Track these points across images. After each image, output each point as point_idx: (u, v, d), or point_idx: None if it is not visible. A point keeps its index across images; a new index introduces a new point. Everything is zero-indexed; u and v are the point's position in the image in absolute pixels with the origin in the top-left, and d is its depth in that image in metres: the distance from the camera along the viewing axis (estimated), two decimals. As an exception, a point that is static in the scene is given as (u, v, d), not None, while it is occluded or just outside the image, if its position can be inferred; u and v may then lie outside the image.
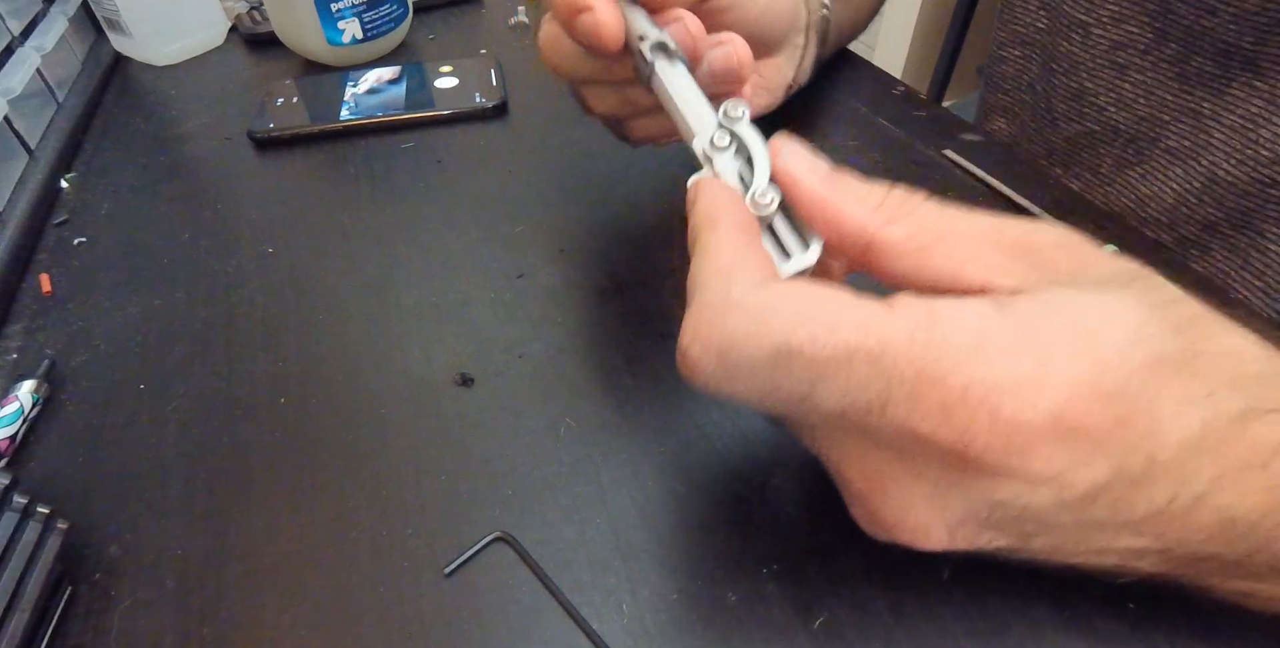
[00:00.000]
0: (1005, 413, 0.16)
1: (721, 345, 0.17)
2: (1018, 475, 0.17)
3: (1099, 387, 0.16)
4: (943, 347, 0.17)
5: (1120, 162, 0.46)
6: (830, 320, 0.17)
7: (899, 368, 0.16)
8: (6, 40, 0.46)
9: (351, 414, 0.30)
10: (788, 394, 0.17)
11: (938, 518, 0.18)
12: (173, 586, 0.25)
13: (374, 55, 0.56)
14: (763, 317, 0.17)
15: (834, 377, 0.17)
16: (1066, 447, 0.17)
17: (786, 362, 0.17)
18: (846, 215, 0.20)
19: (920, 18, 1.61)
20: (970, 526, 0.18)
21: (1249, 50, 0.37)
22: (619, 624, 0.23)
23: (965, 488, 0.18)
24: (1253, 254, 0.41)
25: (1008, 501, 0.17)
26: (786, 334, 0.17)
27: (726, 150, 0.23)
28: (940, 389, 0.16)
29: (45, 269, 0.39)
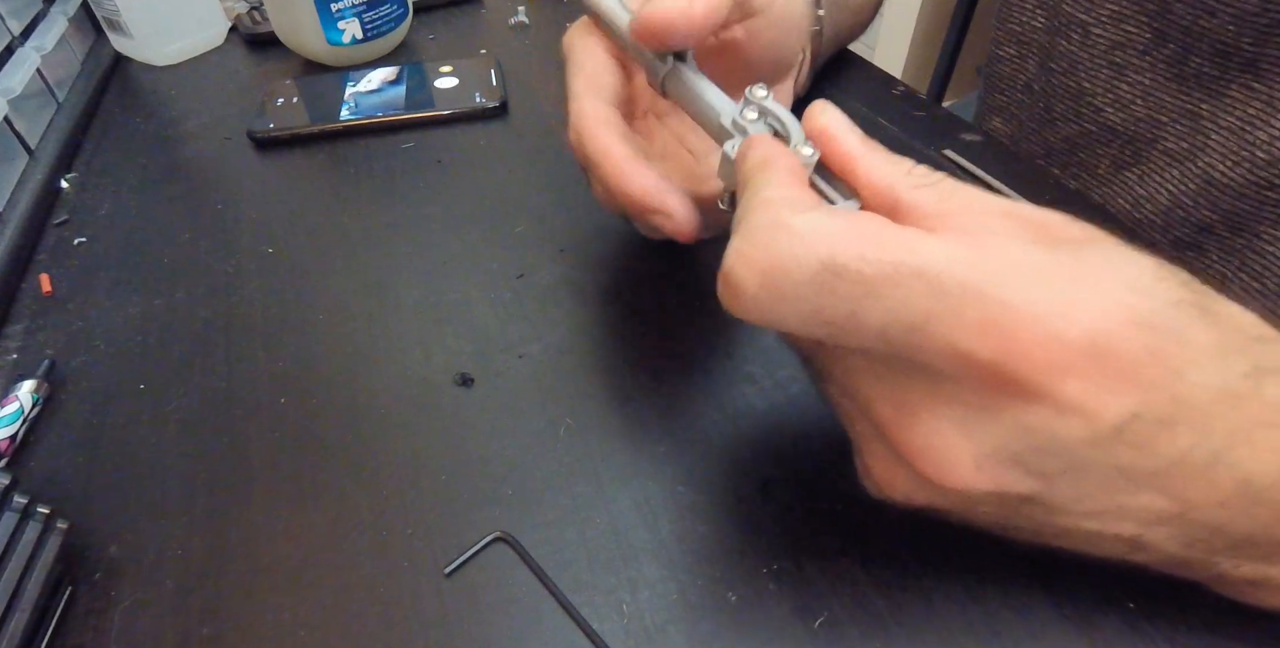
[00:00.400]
0: (1044, 330, 0.16)
1: (766, 265, 0.17)
2: (1050, 398, 0.17)
3: (1135, 313, 0.17)
4: (985, 266, 0.17)
5: (1117, 162, 0.46)
6: (877, 239, 0.17)
7: (944, 284, 0.17)
8: (6, 40, 0.46)
9: (351, 414, 0.30)
10: (831, 314, 0.17)
11: (967, 446, 0.18)
12: (173, 586, 0.25)
13: (374, 55, 0.56)
14: (809, 235, 0.17)
15: (879, 293, 0.17)
16: (1099, 372, 0.16)
17: (832, 279, 0.17)
18: (879, 173, 0.20)
19: (920, 18, 1.61)
20: (998, 459, 0.18)
21: (1248, 52, 0.37)
22: (619, 624, 0.23)
23: (997, 413, 0.17)
24: (1249, 255, 0.41)
25: (1038, 427, 0.17)
26: (832, 251, 0.17)
27: (757, 122, 0.23)
28: (982, 305, 0.16)
29: (45, 269, 0.39)
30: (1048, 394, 0.17)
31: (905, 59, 1.67)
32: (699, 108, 0.26)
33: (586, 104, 0.27)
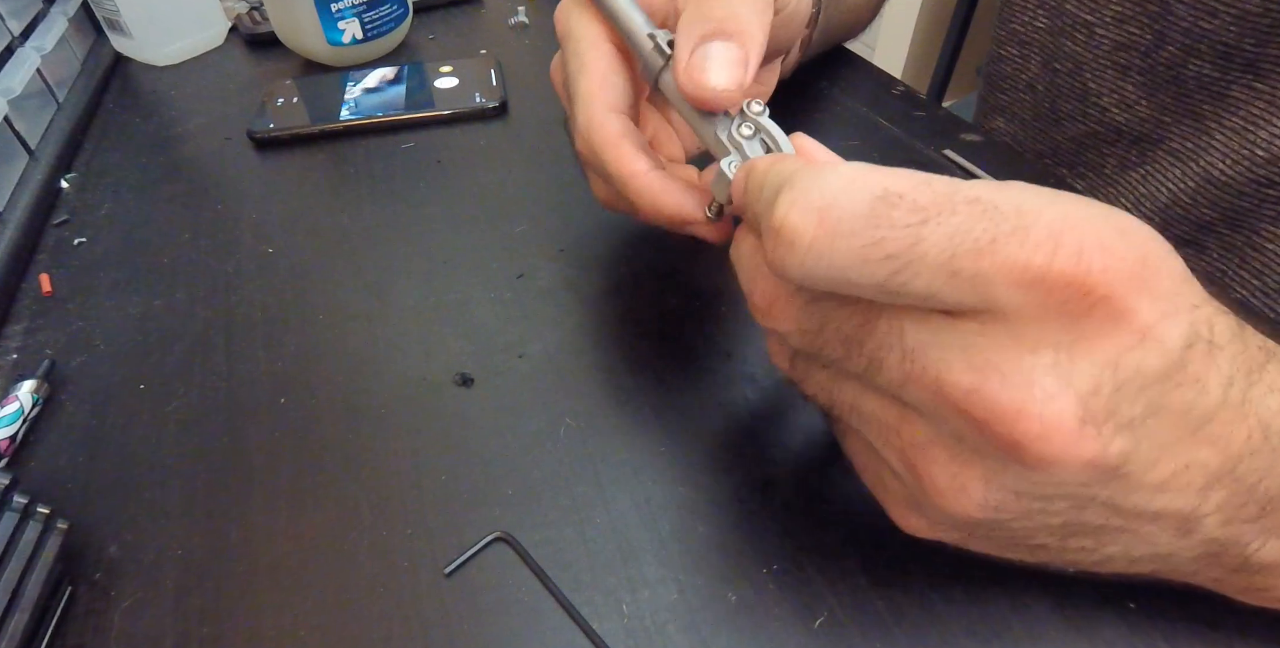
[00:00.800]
0: (1110, 238, 0.16)
1: (821, 203, 0.17)
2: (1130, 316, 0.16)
3: (1163, 241, 0.17)
4: (1027, 193, 0.17)
5: (1123, 162, 0.46)
6: (923, 177, 0.17)
7: (998, 206, 0.16)
8: (6, 40, 0.46)
9: (351, 414, 0.30)
10: (894, 245, 0.16)
11: (1065, 387, 0.16)
12: (173, 586, 0.25)
13: (374, 55, 0.56)
14: (859, 174, 0.17)
15: (937, 218, 0.16)
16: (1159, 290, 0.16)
17: (888, 209, 0.16)
18: None
19: (920, 18, 1.61)
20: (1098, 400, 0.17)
21: (1250, 52, 0.37)
22: (619, 624, 0.23)
23: (1089, 340, 0.16)
24: (1250, 253, 0.41)
25: (1124, 357, 0.16)
26: (886, 183, 0.17)
27: (753, 139, 0.24)
28: (1044, 219, 0.16)
29: (45, 269, 0.39)
30: (1129, 310, 0.16)
31: (905, 59, 1.67)
32: (693, 115, 0.25)
33: (598, 114, 0.27)
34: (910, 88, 0.47)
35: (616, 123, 0.27)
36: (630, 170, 0.26)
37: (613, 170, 0.26)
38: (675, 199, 0.26)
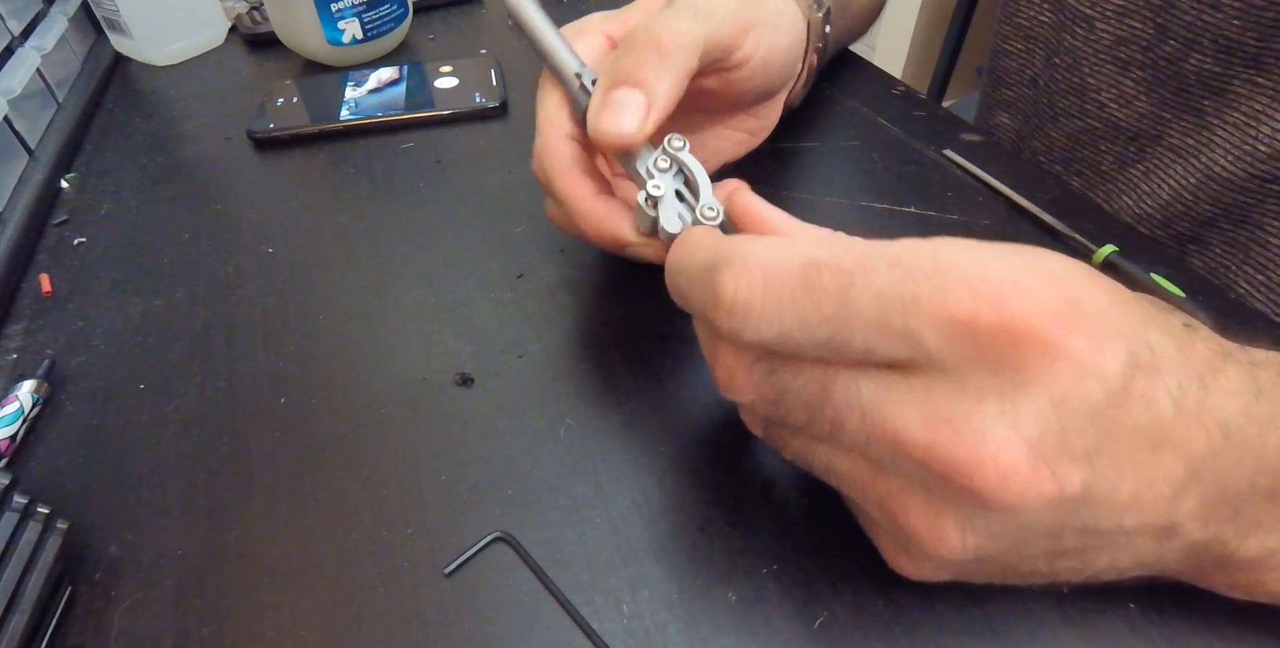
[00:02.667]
0: (1029, 285, 0.17)
1: (762, 274, 0.19)
2: (1064, 353, 0.17)
3: (1090, 276, 0.18)
4: (943, 248, 0.18)
5: (1122, 159, 0.46)
6: (842, 243, 0.19)
7: (916, 264, 0.18)
8: (6, 40, 0.46)
9: (351, 414, 0.30)
10: (829, 309, 0.18)
11: (1014, 434, 0.17)
12: (173, 586, 0.25)
13: (374, 55, 0.56)
14: (784, 245, 0.19)
15: (862, 281, 0.18)
16: (1088, 326, 0.17)
17: (817, 275, 0.18)
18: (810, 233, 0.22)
19: (920, 18, 1.61)
20: (1048, 440, 0.17)
21: (1253, 47, 0.37)
22: (619, 624, 0.23)
23: (1028, 389, 0.17)
24: (1253, 248, 0.41)
25: (1069, 394, 0.17)
26: (809, 252, 0.18)
27: (667, 172, 0.26)
28: (961, 274, 0.17)
29: (45, 269, 0.39)
30: (1061, 348, 0.17)
31: (905, 59, 1.67)
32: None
33: (552, 141, 0.29)
34: (910, 88, 0.47)
35: (568, 150, 0.28)
36: (577, 194, 0.28)
37: (561, 195, 0.28)
38: (615, 224, 0.27)
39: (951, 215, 0.37)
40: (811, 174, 0.41)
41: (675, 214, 0.25)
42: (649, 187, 0.25)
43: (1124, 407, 0.17)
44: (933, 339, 0.17)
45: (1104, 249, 0.33)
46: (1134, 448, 0.18)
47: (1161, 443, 0.18)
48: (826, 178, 0.40)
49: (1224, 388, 0.18)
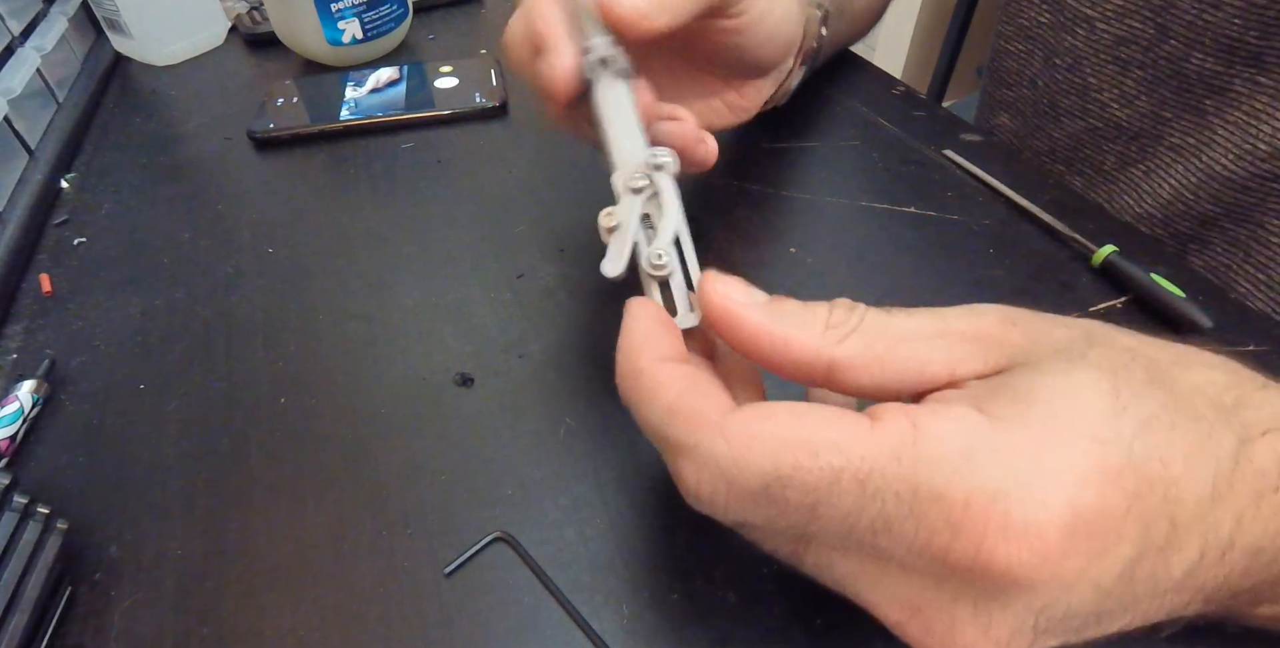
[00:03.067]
0: (1017, 519, 0.15)
1: (724, 480, 0.18)
2: (1052, 582, 0.16)
3: (1106, 467, 0.16)
4: (932, 461, 0.16)
5: (1123, 158, 0.46)
6: (810, 444, 0.17)
7: (891, 487, 0.16)
8: (6, 40, 0.46)
9: (351, 414, 0.30)
10: (796, 518, 0.17)
11: (985, 637, 0.17)
12: (173, 586, 0.25)
13: (374, 55, 0.56)
14: (748, 446, 0.17)
15: (828, 500, 0.17)
16: (1091, 539, 0.16)
17: (780, 489, 0.17)
18: (797, 343, 0.19)
19: (920, 18, 1.61)
20: (1021, 637, 0.17)
21: (1254, 45, 0.37)
22: (619, 624, 0.23)
23: (1006, 601, 0.17)
24: (1254, 247, 0.41)
25: (1051, 604, 0.17)
26: (774, 461, 0.17)
27: (641, 194, 0.23)
28: (942, 505, 0.16)
29: (45, 269, 0.39)
30: (1049, 580, 0.16)
31: (905, 59, 1.67)
32: (604, 144, 0.25)
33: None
34: (910, 88, 0.47)
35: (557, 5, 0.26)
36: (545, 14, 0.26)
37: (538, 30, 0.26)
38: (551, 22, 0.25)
39: (951, 215, 0.37)
40: (811, 174, 0.41)
41: (622, 253, 0.22)
42: (602, 214, 0.23)
43: (1122, 592, 0.17)
44: (905, 557, 0.17)
45: (1104, 249, 0.33)
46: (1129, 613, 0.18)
47: (1167, 594, 0.18)
48: (826, 178, 0.40)
49: (1275, 507, 0.17)
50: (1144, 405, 0.17)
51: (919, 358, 0.19)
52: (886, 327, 0.19)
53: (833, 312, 0.20)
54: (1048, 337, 0.19)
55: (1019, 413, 0.17)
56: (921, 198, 0.38)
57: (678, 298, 0.22)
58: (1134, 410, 0.17)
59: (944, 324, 0.19)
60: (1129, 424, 0.17)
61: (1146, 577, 0.17)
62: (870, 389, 0.19)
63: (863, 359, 0.19)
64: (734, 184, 0.39)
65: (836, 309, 0.20)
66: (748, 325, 0.20)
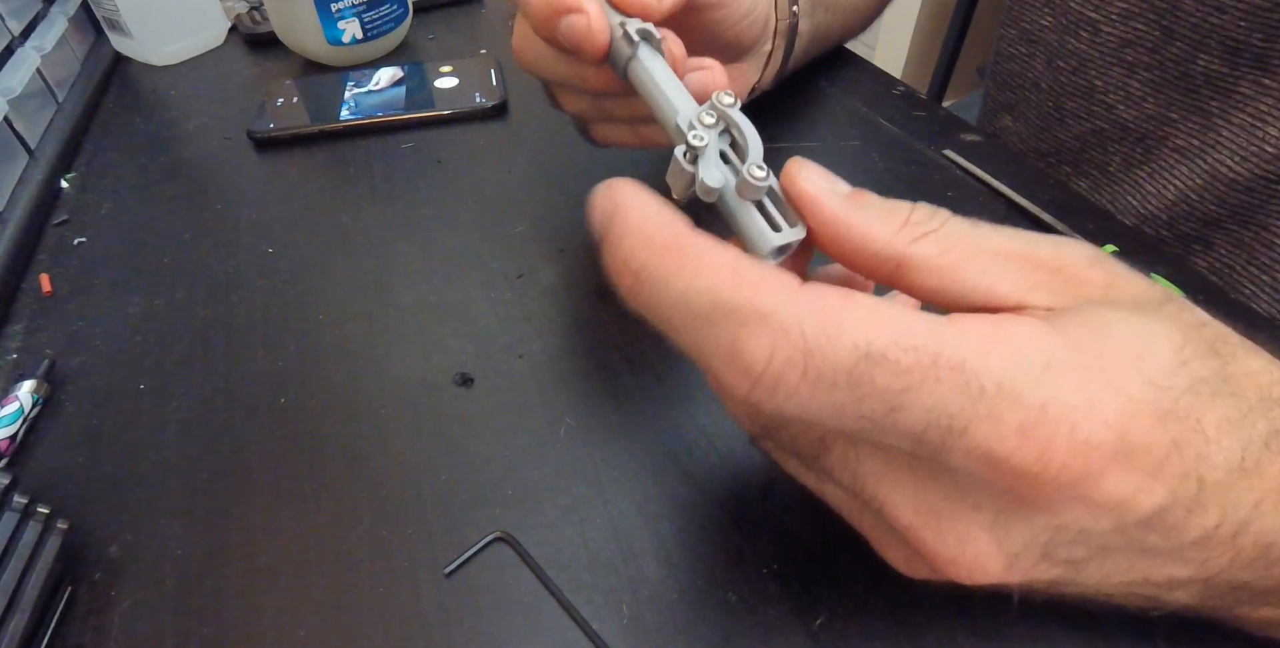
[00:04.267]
0: (1083, 432, 0.16)
1: (806, 350, 0.15)
2: (1087, 499, 0.16)
3: (1158, 407, 0.16)
4: (1017, 362, 0.16)
5: (1129, 160, 0.46)
6: (906, 324, 0.16)
7: (980, 381, 0.16)
8: (6, 40, 0.46)
9: (351, 414, 0.30)
10: (870, 408, 0.16)
11: (996, 548, 0.17)
12: (173, 586, 0.25)
13: (374, 55, 0.56)
14: (839, 315, 0.16)
15: (919, 389, 0.15)
16: (1130, 469, 0.16)
17: (869, 368, 0.15)
18: (874, 233, 0.19)
19: (920, 18, 1.61)
20: (1029, 554, 0.18)
21: (1259, 48, 0.37)
22: (619, 624, 0.23)
23: (1028, 514, 0.17)
24: (1258, 248, 0.41)
25: (1068, 525, 0.17)
26: (868, 335, 0.15)
27: (714, 128, 0.22)
28: (1019, 407, 0.16)
29: (45, 269, 0.39)
30: (1084, 496, 0.16)
31: (905, 59, 1.67)
32: (657, 101, 0.24)
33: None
34: (910, 88, 0.47)
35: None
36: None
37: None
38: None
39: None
40: (811, 174, 0.41)
41: (717, 166, 0.22)
42: (690, 137, 0.21)
43: (1136, 535, 0.17)
44: (960, 461, 0.16)
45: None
46: (1132, 561, 0.18)
47: (1173, 559, 0.18)
48: (826, 178, 0.40)
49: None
50: (1200, 367, 0.17)
51: (991, 274, 0.18)
52: (967, 235, 0.19)
53: (914, 211, 0.19)
54: (1127, 286, 0.19)
55: (1092, 339, 0.17)
56: (921, 198, 0.38)
57: (777, 212, 0.21)
58: (1191, 369, 0.17)
59: (1028, 247, 0.18)
60: (1183, 379, 0.17)
61: (1163, 530, 0.17)
62: (934, 294, 0.19)
63: (934, 262, 0.18)
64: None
65: (919, 210, 0.19)
66: (826, 211, 0.19)
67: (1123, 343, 0.17)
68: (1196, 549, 0.17)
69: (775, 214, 0.21)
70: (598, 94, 0.30)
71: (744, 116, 0.22)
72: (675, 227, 0.17)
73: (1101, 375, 0.16)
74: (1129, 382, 0.16)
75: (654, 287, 0.17)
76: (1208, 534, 0.17)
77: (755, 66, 0.38)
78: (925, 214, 0.19)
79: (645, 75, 0.25)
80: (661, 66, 0.25)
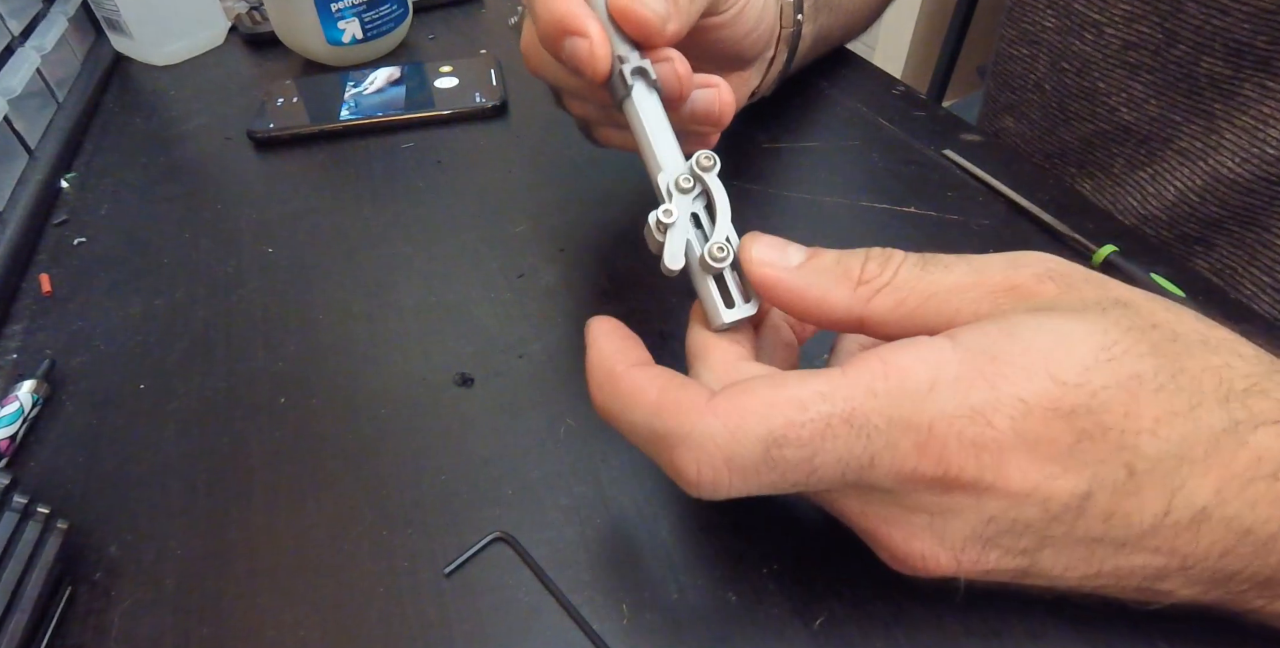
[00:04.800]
0: (969, 435, 0.18)
1: (724, 456, 0.18)
2: (997, 489, 0.18)
3: (1059, 405, 0.18)
4: (902, 393, 0.18)
5: (1132, 162, 0.46)
6: (796, 399, 0.18)
7: (871, 422, 0.18)
8: (6, 40, 0.46)
9: (351, 414, 0.30)
10: (795, 477, 0.19)
11: (939, 544, 0.19)
12: (173, 586, 0.25)
13: (374, 55, 0.56)
14: (740, 417, 0.18)
15: (824, 449, 0.18)
16: (1036, 459, 0.18)
17: (778, 451, 0.18)
18: (832, 301, 0.21)
19: (920, 18, 1.61)
20: (973, 546, 0.19)
21: (1262, 50, 0.37)
22: (619, 624, 0.23)
23: (957, 511, 0.19)
24: (1260, 250, 0.41)
25: (998, 515, 0.18)
26: (768, 424, 0.18)
27: (690, 192, 0.24)
28: (911, 432, 0.18)
29: (45, 269, 0.39)
30: (993, 486, 0.18)
31: (905, 59, 1.67)
32: (643, 151, 0.25)
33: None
34: (910, 88, 0.47)
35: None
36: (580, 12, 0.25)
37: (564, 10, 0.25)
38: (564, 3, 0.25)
39: (951, 215, 0.37)
40: (811, 174, 0.41)
41: (682, 247, 0.23)
42: (661, 211, 0.23)
43: (1071, 523, 0.18)
44: (882, 481, 0.19)
45: (1104, 249, 0.33)
46: (1088, 550, 0.19)
47: (1134, 548, 0.19)
48: (826, 178, 0.40)
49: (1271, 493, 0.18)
50: (1133, 365, 0.18)
51: (949, 311, 0.20)
52: (919, 282, 0.20)
53: (865, 266, 0.21)
54: (1080, 293, 0.20)
55: (989, 345, 0.18)
56: (921, 198, 0.38)
57: (734, 288, 0.23)
58: (1118, 365, 0.18)
59: (979, 276, 0.20)
60: (1103, 375, 0.18)
61: (1100, 517, 0.18)
62: (901, 337, 0.20)
63: (893, 315, 0.20)
64: (734, 184, 0.39)
65: (870, 262, 0.21)
66: (782, 289, 0.21)
67: (1027, 344, 0.18)
68: (1154, 537, 0.18)
69: (732, 288, 0.23)
70: (602, 103, 0.30)
71: (719, 184, 0.24)
72: (620, 365, 0.21)
73: (994, 379, 0.18)
74: (1025, 382, 0.18)
75: (607, 415, 0.21)
76: (1157, 521, 0.18)
77: (757, 73, 0.38)
78: (876, 267, 0.21)
79: (636, 119, 0.25)
80: (653, 111, 0.25)
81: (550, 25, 0.25)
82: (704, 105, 0.27)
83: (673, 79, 0.26)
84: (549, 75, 0.30)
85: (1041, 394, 0.18)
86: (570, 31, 0.25)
